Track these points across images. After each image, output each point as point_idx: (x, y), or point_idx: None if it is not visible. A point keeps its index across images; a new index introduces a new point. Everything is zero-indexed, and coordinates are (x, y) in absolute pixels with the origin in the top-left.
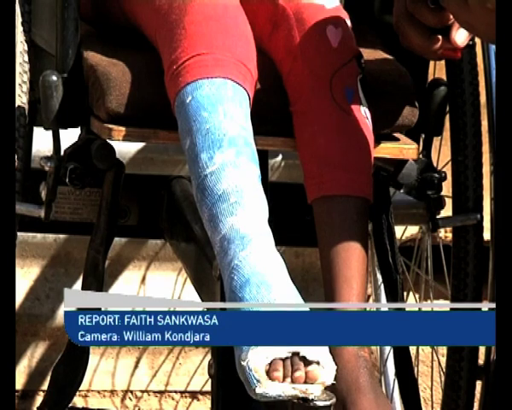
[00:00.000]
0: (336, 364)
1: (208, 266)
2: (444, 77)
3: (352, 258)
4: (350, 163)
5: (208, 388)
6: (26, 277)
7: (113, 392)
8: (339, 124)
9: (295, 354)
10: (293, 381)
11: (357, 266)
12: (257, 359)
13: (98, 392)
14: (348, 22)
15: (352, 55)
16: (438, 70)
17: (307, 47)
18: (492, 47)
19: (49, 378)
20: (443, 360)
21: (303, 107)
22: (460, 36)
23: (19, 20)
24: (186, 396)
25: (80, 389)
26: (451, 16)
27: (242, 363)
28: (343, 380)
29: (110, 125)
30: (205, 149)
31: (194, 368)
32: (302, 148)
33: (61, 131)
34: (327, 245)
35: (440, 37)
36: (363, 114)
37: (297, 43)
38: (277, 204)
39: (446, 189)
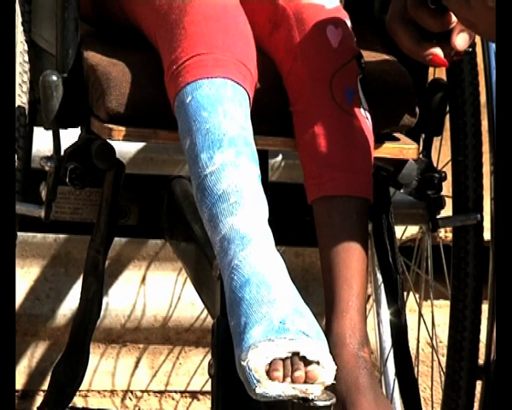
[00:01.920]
0: (336, 364)
1: (208, 266)
2: (444, 77)
3: (352, 258)
4: (350, 163)
5: (208, 388)
6: (26, 277)
7: (113, 392)
8: (339, 124)
9: (295, 353)
10: (293, 381)
11: (357, 267)
12: (257, 359)
13: (98, 392)
14: (348, 22)
15: (352, 56)
16: (438, 70)
17: (307, 47)
18: (492, 47)
19: (49, 378)
20: (443, 360)
21: (303, 107)
22: (460, 40)
23: (19, 20)
24: (186, 396)
25: (80, 389)
26: (452, 21)
27: (242, 363)
28: (343, 380)
29: (110, 125)
30: (205, 149)
31: (194, 368)
32: (302, 148)
33: (61, 131)
34: (327, 245)
35: (429, 45)
36: (363, 114)
37: (297, 43)
38: (277, 204)
39: (446, 189)
